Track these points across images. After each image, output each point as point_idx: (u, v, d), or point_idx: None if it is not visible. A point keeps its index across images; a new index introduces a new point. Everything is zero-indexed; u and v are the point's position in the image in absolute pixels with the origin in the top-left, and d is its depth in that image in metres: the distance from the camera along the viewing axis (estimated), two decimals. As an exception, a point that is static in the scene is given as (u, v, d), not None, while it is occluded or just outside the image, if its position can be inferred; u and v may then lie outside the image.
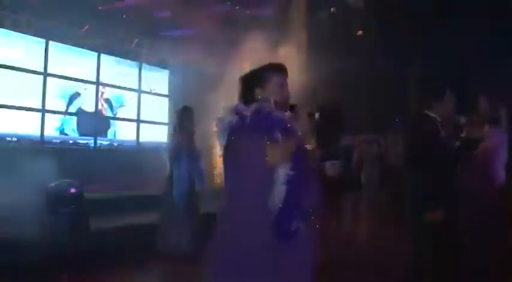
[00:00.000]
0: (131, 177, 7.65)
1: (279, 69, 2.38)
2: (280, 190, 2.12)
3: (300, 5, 9.06)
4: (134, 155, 8.68)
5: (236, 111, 2.22)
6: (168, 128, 9.07)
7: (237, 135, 2.17)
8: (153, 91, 9.71)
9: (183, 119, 5.45)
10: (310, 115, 5.16)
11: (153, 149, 8.61)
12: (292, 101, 2.44)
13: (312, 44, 9.24)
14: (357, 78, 9.62)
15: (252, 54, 8.20)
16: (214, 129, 2.25)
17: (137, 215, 6.22)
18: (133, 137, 9.31)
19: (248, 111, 2.18)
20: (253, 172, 2.13)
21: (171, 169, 5.36)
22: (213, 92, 8.90)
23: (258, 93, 2.29)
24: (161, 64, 9.79)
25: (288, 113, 2.31)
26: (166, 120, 9.64)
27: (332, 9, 9.97)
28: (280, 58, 8.40)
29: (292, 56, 8.42)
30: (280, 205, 2.12)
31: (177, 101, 9.11)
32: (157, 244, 5.30)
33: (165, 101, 9.90)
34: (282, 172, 2.14)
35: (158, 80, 9.85)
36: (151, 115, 9.57)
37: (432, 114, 3.26)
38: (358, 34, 10.58)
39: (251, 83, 2.33)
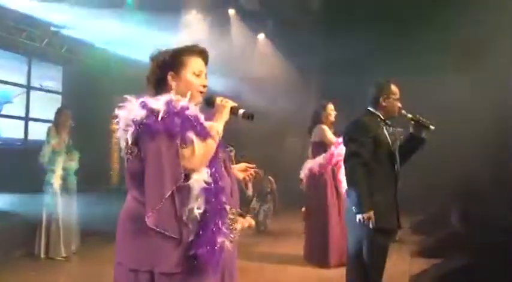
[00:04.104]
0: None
1: (199, 54, 2.03)
2: (196, 200, 1.81)
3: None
4: (21, 154, 8.13)
5: (143, 105, 1.81)
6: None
7: (144, 134, 1.78)
8: (45, 87, 9.17)
9: (61, 118, 5.46)
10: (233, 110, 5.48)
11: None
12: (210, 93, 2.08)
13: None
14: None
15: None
16: (115, 127, 1.86)
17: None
18: (20, 135, 8.69)
19: (158, 105, 1.80)
20: (163, 178, 1.74)
21: (47, 170, 5.39)
22: (110, 90, 8.65)
23: (171, 79, 1.95)
24: (54, 59, 9.27)
25: (204, 108, 1.99)
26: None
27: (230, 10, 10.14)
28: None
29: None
30: (199, 219, 1.82)
31: (71, 98, 8.75)
32: (35, 247, 5.28)
33: (58, 98, 9.38)
34: (199, 179, 1.83)
35: (50, 76, 9.31)
36: (42, 112, 9.01)
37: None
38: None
39: (163, 66, 1.96)
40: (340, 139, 4.99)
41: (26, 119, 8.76)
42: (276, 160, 8.16)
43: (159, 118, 1.77)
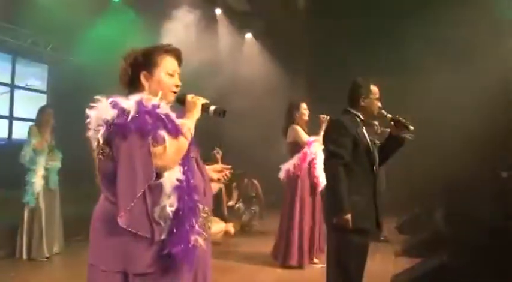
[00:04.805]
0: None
1: (173, 54, 2.01)
2: (169, 198, 1.80)
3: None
4: (4, 154, 8.02)
5: (113, 104, 1.80)
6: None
7: (115, 134, 1.76)
8: (30, 86, 9.07)
9: (43, 117, 5.38)
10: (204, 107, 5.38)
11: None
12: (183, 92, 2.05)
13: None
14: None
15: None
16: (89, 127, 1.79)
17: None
18: (4, 135, 8.58)
19: (129, 104, 1.78)
20: (135, 178, 1.73)
21: (27, 169, 5.27)
22: (96, 89, 8.55)
23: (144, 79, 1.94)
24: (39, 58, 9.16)
25: (176, 106, 1.97)
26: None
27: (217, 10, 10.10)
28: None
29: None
30: (172, 217, 1.80)
31: (56, 98, 8.67)
32: (17, 248, 5.19)
33: (43, 97, 9.28)
34: (171, 177, 1.81)
35: (35, 75, 9.21)
36: (27, 112, 8.90)
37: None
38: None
39: (136, 65, 1.94)
40: (312, 138, 5.07)
41: (10, 118, 8.67)
42: (262, 161, 8.13)
43: (130, 117, 1.76)
